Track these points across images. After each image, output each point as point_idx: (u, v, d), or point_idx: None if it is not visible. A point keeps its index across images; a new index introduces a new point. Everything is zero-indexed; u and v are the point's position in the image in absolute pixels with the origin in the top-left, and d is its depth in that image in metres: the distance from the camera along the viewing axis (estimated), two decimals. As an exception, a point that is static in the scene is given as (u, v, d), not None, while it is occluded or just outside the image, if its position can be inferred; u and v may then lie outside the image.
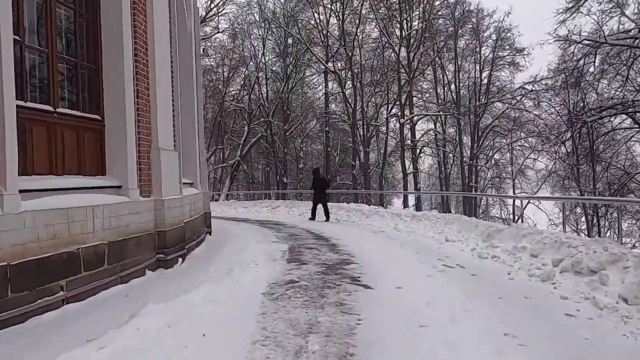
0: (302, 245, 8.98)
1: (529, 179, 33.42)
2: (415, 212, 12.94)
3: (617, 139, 23.76)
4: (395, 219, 12.56)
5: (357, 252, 8.05)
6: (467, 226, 9.78)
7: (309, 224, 13.46)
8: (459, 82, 29.56)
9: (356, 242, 9.32)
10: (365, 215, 14.03)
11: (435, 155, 31.80)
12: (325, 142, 29.56)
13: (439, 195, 32.30)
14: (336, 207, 16.01)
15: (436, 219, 11.15)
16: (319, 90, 31.81)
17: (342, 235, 10.37)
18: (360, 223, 13.37)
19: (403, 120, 23.44)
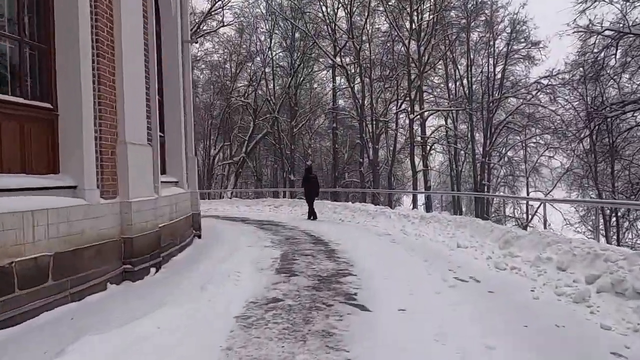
0: (298, 251, 8.04)
1: (543, 178, 32.06)
2: (424, 213, 11.92)
3: (639, 135, 22.37)
4: (402, 221, 11.56)
5: (358, 260, 7.09)
6: (481, 231, 8.74)
7: (310, 225, 12.52)
8: (471, 76, 28.32)
9: (358, 248, 8.35)
10: (370, 215, 13.04)
11: (446, 152, 30.60)
12: (333, 139, 28.56)
13: (450, 194, 31.16)
14: (341, 206, 15.05)
15: (447, 221, 10.12)
16: (328, 86, 30.82)
17: (343, 239, 9.41)
18: (365, 224, 12.40)
19: (413, 116, 22.34)
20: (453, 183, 30.40)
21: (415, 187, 24.78)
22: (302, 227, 11.72)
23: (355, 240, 9.40)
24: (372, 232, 10.94)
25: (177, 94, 7.97)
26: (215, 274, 5.82)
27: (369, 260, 7.07)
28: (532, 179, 31.96)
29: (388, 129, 30.55)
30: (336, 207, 15.01)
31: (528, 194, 31.28)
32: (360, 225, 12.45)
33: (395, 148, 29.14)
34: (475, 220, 9.33)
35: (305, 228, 11.48)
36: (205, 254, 7.41)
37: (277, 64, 29.16)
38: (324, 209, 15.20)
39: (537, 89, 26.34)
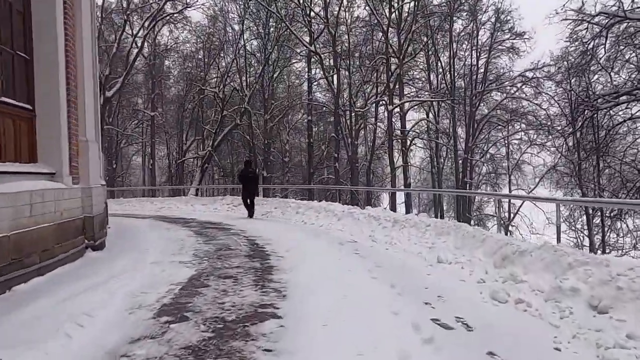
0: (220, 269, 5.68)
1: (525, 175, 30.23)
2: (398, 215, 9.63)
3: (633, 129, 20.45)
4: (372, 224, 9.28)
5: (296, 288, 4.78)
6: (469, 240, 6.49)
7: (260, 229, 10.15)
8: (454, 69, 26.23)
9: (305, 263, 6.04)
10: (337, 217, 10.74)
11: (427, 148, 28.50)
12: (308, 133, 26.19)
13: (431, 192, 29.13)
14: (305, 206, 12.70)
15: (425, 226, 7.86)
16: (305, 79, 28.43)
17: (293, 250, 7.10)
18: (329, 228, 10.10)
19: (392, 107, 20.13)
20: (434, 180, 28.32)
21: (394, 184, 22.59)
22: (249, 232, 9.36)
23: (307, 251, 7.09)
24: (334, 238, 8.64)
25: (52, 52, 5.55)
26: (49, 319, 3.47)
27: (313, 287, 4.77)
28: (515, 177, 30.13)
29: (367, 124, 28.34)
30: (300, 206, 12.69)
31: (510, 192, 29.46)
32: (323, 229, 10.14)
33: (375, 143, 26.93)
34: (461, 227, 7.07)
35: (252, 234, 9.12)
36: (78, 276, 5.02)
37: (250, 52, 26.67)
38: (287, 209, 12.87)
39: (522, 81, 24.37)
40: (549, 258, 4.72)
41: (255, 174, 13.55)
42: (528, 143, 27.60)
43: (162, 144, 34.01)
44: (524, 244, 5.55)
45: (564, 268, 4.41)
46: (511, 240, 5.79)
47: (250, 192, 12.78)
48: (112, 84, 22.13)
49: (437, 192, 20.27)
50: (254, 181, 12.99)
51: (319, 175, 32.24)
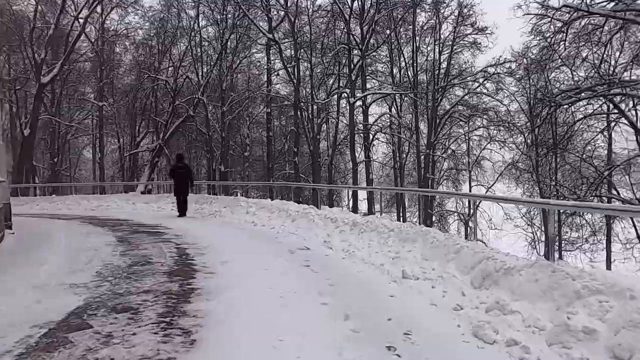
0: (118, 297, 4.21)
1: (485, 171, 29.92)
2: (357, 217, 8.39)
3: (590, 126, 20.17)
4: (329, 227, 8.02)
5: (215, 327, 3.42)
6: (439, 251, 5.32)
7: (200, 232, 8.72)
8: (416, 63, 25.36)
9: (240, 285, 4.68)
10: (290, 218, 9.41)
11: (389, 142, 27.58)
12: (267, 126, 24.67)
13: (393, 190, 28.31)
14: (257, 205, 11.29)
15: (388, 230, 6.66)
16: (265, 69, 26.84)
17: (229, 263, 5.72)
18: (282, 231, 8.75)
19: (354, 100, 18.98)
20: (396, 176, 27.45)
21: (356, 180, 21.50)
22: (185, 237, 7.88)
23: (248, 264, 5.75)
24: (285, 244, 7.32)
25: None
26: None
27: (240, 325, 3.44)
28: (475, 173, 29.76)
29: (329, 117, 27.13)
30: (251, 205, 11.26)
31: (470, 188, 29.07)
32: (275, 232, 8.78)
33: (337, 137, 25.75)
34: (429, 233, 5.89)
35: (187, 239, 7.64)
36: None
37: (206, 39, 24.82)
38: (237, 208, 11.42)
39: (483, 77, 23.78)
40: (546, 281, 3.58)
41: (186, 168, 12.38)
42: (488, 139, 27.23)
43: (113, 136, 31.55)
44: (509, 259, 4.40)
45: (569, 297, 3.28)
46: (492, 253, 4.64)
47: (182, 189, 11.66)
48: (51, 69, 19.84)
49: (399, 191, 19.23)
50: (186, 177, 11.84)
51: (280, 170, 30.86)
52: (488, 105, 24.90)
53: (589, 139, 20.89)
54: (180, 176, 11.72)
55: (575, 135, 19.80)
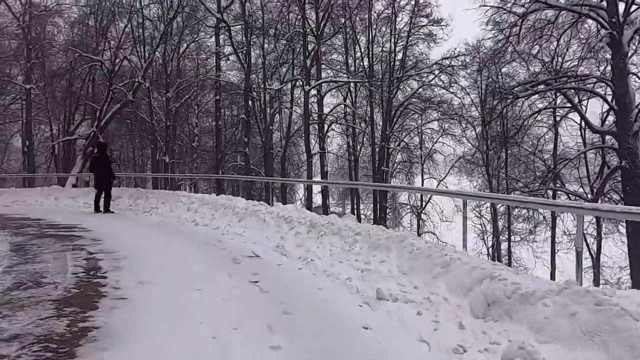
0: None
1: (437, 164, 29.71)
2: (316, 217, 7.11)
3: (541, 121, 20.08)
4: (282, 228, 6.73)
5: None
6: (422, 263, 4.17)
7: (125, 236, 7.17)
8: (372, 53, 24.43)
9: (159, 326, 3.34)
10: (237, 217, 8.02)
11: (344, 134, 26.56)
12: (216, 114, 22.83)
13: (348, 185, 27.44)
14: (199, 200, 9.77)
15: (353, 234, 5.46)
16: (213, 54, 24.86)
17: (150, 284, 4.29)
18: (226, 232, 7.35)
19: (308, 88, 17.71)
20: (351, 168, 26.53)
21: (311, 172, 20.28)
22: (105, 243, 6.30)
23: (177, 281, 4.36)
24: (228, 251, 5.95)
25: None
26: None
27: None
28: (427, 166, 29.48)
29: (283, 107, 25.70)
30: (193, 201, 9.72)
31: (423, 181, 28.78)
32: (218, 233, 7.36)
33: (290, 128, 24.39)
34: (406, 239, 4.73)
35: (106, 246, 6.08)
36: None
37: (149, 19, 22.54)
38: (177, 204, 9.85)
39: (438, 69, 23.23)
40: (590, 318, 2.50)
41: (106, 159, 10.82)
42: (441, 132, 26.95)
43: (46, 124, 28.37)
44: (523, 280, 3.30)
45: (634, 347, 2.20)
46: (495, 270, 3.53)
47: (103, 183, 10.27)
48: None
49: (354, 185, 18.05)
50: (106, 169, 10.43)
51: (231, 161, 29.14)
52: (443, 98, 24.48)
53: (539, 133, 20.92)
54: (101, 168, 10.21)
55: (525, 130, 19.65)
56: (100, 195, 10.09)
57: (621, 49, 13.99)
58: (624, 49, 14.09)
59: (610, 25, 13.91)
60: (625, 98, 14.15)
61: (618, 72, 14.24)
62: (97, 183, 10.19)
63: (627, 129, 14.11)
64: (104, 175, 10.13)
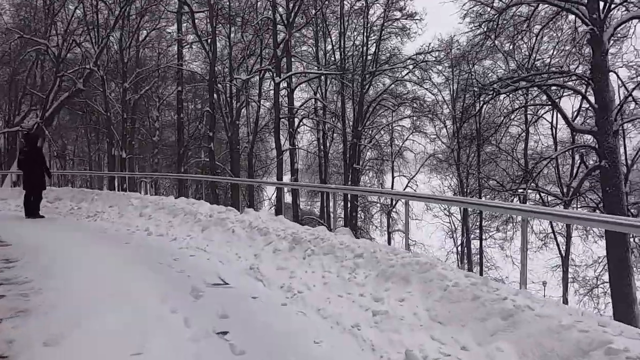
0: None
1: (407, 162, 28.96)
2: (297, 229, 5.66)
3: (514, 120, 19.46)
4: (257, 243, 5.30)
5: None
6: (467, 308, 2.86)
7: (49, 252, 5.54)
8: (344, 46, 23.17)
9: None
10: (200, 225, 6.51)
11: (315, 128, 25.18)
12: (178, 107, 20.90)
13: (318, 177, 26.17)
14: (153, 204, 8.12)
15: (352, 255, 4.11)
16: (175, 41, 22.86)
17: (64, 344, 2.81)
18: (187, 246, 5.81)
19: (279, 79, 16.22)
20: (322, 165, 25.23)
21: (281, 170, 18.79)
22: (14, 267, 4.67)
23: (102, 338, 2.89)
24: (185, 276, 4.46)
25: None
26: None
27: None
28: (397, 163, 28.67)
29: (250, 101, 24.03)
30: (146, 204, 8.07)
31: (393, 179, 27.98)
32: (175, 247, 5.82)
33: (258, 123, 22.79)
34: (433, 268, 3.42)
35: (13, 274, 4.44)
36: None
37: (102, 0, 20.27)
38: (127, 208, 8.18)
39: (413, 64, 22.25)
40: None
41: (37, 153, 8.93)
42: (411, 130, 26.18)
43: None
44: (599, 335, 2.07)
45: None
46: (605, 332, 2.28)
47: (33, 181, 8.53)
48: None
49: (327, 189, 16.34)
50: (36, 165, 8.62)
51: (195, 157, 27.23)
52: (416, 94, 23.57)
53: (514, 132, 20.35)
54: (30, 164, 8.45)
55: (506, 127, 18.97)
56: (30, 196, 8.31)
57: (602, 46, 13.34)
58: (605, 46, 13.46)
59: (591, 22, 13.22)
60: (605, 96, 13.54)
61: (598, 69, 13.60)
62: (27, 182, 8.36)
63: (607, 128, 13.51)
64: (35, 172, 8.32)
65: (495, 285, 3.11)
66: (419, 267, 3.42)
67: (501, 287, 3.20)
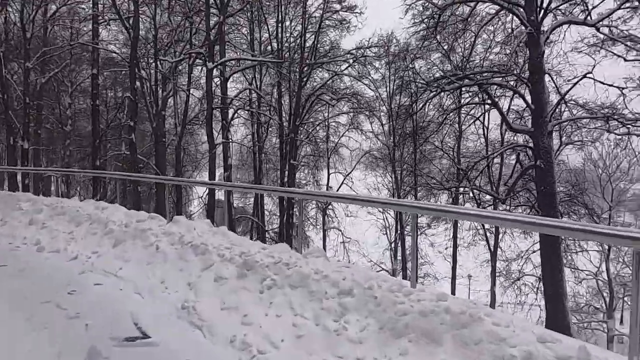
0: None
1: (343, 158, 28.35)
2: (245, 245, 4.18)
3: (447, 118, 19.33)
4: (190, 265, 3.83)
5: None
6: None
7: None
8: (281, 36, 21.77)
9: None
10: (112, 238, 4.84)
11: (250, 120, 23.45)
12: (92, 92, 18.14)
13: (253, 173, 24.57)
14: (51, 209, 6.11)
15: (336, 292, 2.86)
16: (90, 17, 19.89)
17: None
18: (86, 272, 4.18)
19: (212, 65, 14.43)
20: (255, 160, 23.63)
21: (213, 165, 16.90)
22: None
23: None
24: (81, 324, 2.92)
25: None
26: None
27: None
28: (333, 160, 27.95)
29: (178, 89, 21.74)
30: (41, 209, 6.05)
31: (329, 175, 27.28)
32: (74, 272, 4.15)
33: (187, 114, 20.63)
34: (479, 322, 2.28)
35: None
36: None
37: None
38: (13, 213, 6.17)
39: (353, 58, 21.46)
40: None
41: None
42: (347, 126, 25.57)
43: None
44: None
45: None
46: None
47: None
48: None
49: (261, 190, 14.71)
50: None
51: (115, 150, 24.32)
52: (355, 90, 22.85)
53: (448, 131, 20.30)
54: None
55: (442, 128, 18.78)
56: None
57: (538, 48, 13.35)
58: (541, 48, 13.49)
59: (529, 23, 13.17)
60: (541, 97, 13.60)
61: (535, 71, 13.61)
62: None
63: (543, 128, 13.58)
64: None
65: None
66: (452, 319, 2.25)
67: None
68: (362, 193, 26.47)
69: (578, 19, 13.51)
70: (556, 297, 11.83)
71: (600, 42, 14.50)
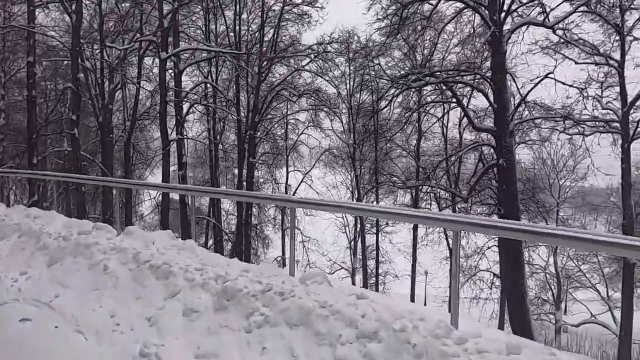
0: None
1: (302, 156, 27.71)
2: (219, 260, 3.40)
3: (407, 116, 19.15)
4: (150, 292, 2.96)
5: None
6: None
7: None
8: (239, 29, 20.71)
9: None
10: (46, 255, 3.83)
11: (206, 115, 22.13)
12: (28, 81, 16.19)
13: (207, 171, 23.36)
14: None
15: (353, 334, 2.18)
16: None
17: None
18: (11, 300, 3.24)
19: (166, 55, 13.17)
20: (212, 158, 22.39)
21: (167, 163, 15.52)
22: None
23: None
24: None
25: None
26: None
27: None
28: (292, 158, 27.23)
29: (127, 82, 20.12)
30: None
31: (287, 173, 26.60)
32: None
33: (137, 108, 19.10)
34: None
35: None
36: None
37: None
38: None
39: (314, 54, 20.80)
40: None
41: None
42: (306, 123, 25.00)
43: None
44: None
45: None
46: None
47: None
48: None
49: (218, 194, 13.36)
50: None
51: (55, 146, 22.27)
52: (316, 86, 22.24)
53: (409, 131, 20.15)
54: None
55: (406, 127, 18.56)
56: None
57: (501, 48, 13.34)
58: (504, 48, 13.51)
59: (492, 23, 13.11)
60: (503, 96, 13.62)
61: (497, 70, 13.60)
62: None
63: (505, 128, 13.61)
64: None
65: None
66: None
67: None
68: (322, 191, 26.05)
69: (537, 20, 13.63)
70: (517, 295, 11.86)
71: (554, 44, 14.78)
